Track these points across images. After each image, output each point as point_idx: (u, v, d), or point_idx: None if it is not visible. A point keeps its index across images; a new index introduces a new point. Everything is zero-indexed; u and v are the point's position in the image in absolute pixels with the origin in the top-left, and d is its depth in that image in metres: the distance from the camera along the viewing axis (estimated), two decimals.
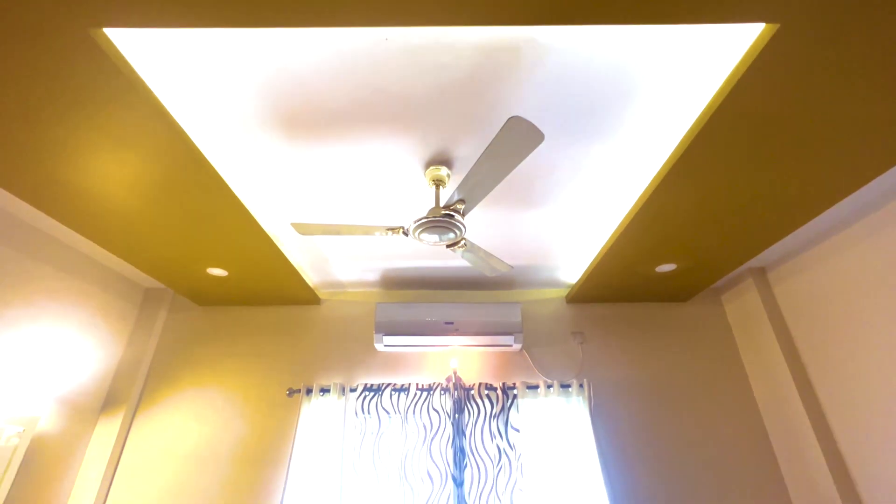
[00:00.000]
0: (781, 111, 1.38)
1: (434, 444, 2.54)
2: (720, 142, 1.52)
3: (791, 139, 1.50)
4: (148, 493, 2.52)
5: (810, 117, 1.40)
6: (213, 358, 2.91)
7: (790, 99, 1.33)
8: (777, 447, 2.60)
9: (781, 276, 2.66)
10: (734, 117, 1.40)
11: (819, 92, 1.31)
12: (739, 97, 1.32)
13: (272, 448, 2.63)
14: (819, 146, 1.53)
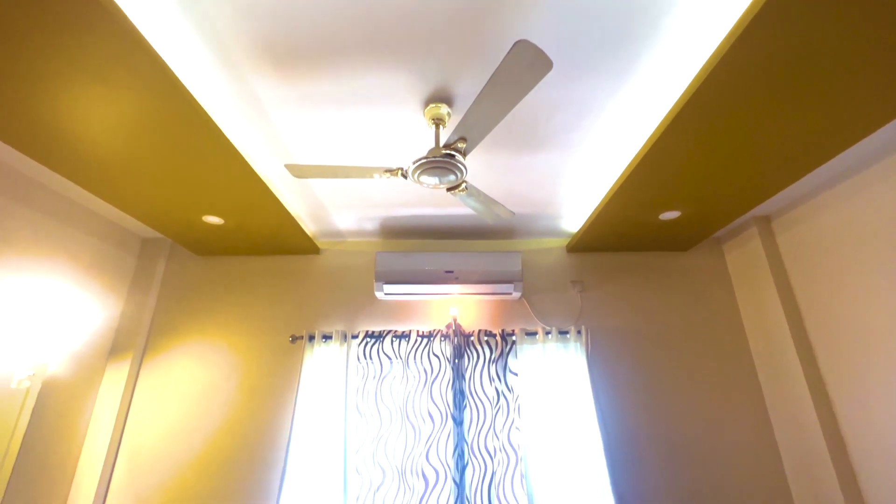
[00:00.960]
0: (795, 53, 1.30)
1: (434, 387, 2.62)
2: (731, 84, 1.44)
3: (804, 82, 1.43)
4: (161, 434, 2.62)
5: (824, 60, 1.33)
6: (215, 307, 2.93)
7: (803, 41, 1.26)
8: (767, 393, 2.69)
9: (786, 225, 2.63)
10: (745, 59, 1.33)
11: (833, 35, 1.23)
12: (751, 38, 1.24)
13: (277, 391, 2.71)
14: (831, 91, 1.47)
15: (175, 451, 2.59)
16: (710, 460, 2.57)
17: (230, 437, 2.61)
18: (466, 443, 2.48)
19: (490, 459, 2.45)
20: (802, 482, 2.44)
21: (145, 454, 2.59)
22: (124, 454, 2.59)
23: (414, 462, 2.45)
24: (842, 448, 2.26)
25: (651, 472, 2.54)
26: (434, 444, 2.49)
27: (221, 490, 2.50)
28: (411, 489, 2.40)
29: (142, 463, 2.57)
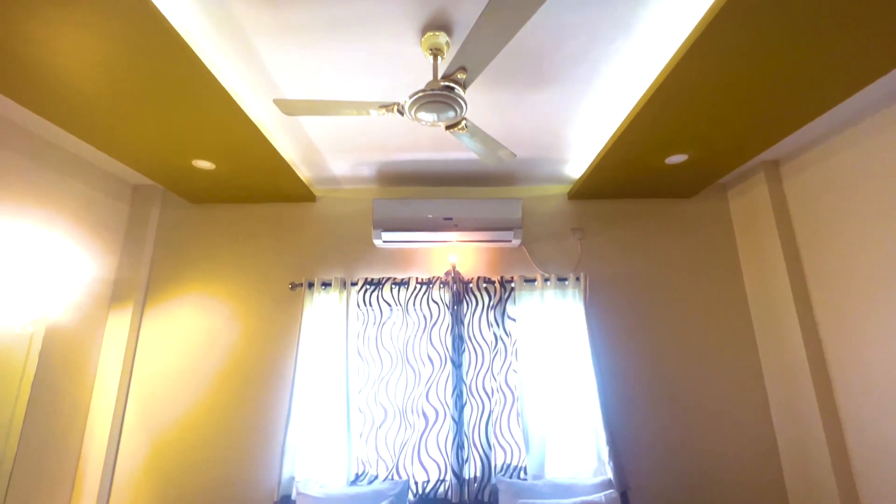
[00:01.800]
0: None
1: (434, 332, 2.67)
2: (744, 19, 1.34)
3: (818, 19, 1.33)
4: (168, 378, 2.70)
5: None
6: (213, 255, 2.91)
7: None
8: (761, 342, 2.73)
9: (794, 170, 2.55)
10: None
11: None
12: None
13: (279, 337, 2.76)
14: (846, 29, 1.38)
15: (183, 393, 2.68)
16: (699, 404, 2.67)
17: (235, 380, 2.69)
18: (465, 384, 2.56)
19: (487, 399, 2.54)
20: (788, 431, 2.55)
21: (155, 396, 2.68)
22: (134, 397, 2.67)
23: (414, 402, 2.54)
24: (829, 399, 2.32)
25: (642, 414, 2.65)
26: (434, 385, 2.57)
27: (231, 429, 2.61)
28: (412, 426, 2.51)
29: (152, 405, 2.66)
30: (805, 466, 2.40)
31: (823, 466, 2.28)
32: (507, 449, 2.51)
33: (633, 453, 2.56)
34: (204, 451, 2.58)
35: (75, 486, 2.45)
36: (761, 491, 2.54)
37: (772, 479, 2.55)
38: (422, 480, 2.45)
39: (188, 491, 2.52)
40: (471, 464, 2.44)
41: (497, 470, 2.46)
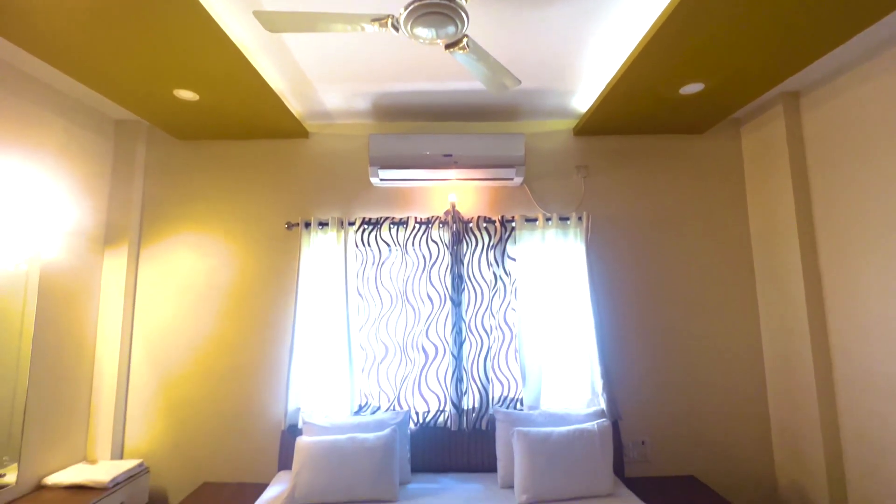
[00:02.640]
0: None
1: (433, 272, 2.66)
2: None
3: None
4: (170, 319, 2.73)
5: None
6: (205, 195, 2.83)
7: None
8: (760, 288, 2.73)
9: (815, 102, 2.40)
10: None
11: None
12: None
13: (278, 277, 2.75)
14: None
15: (187, 331, 2.72)
16: (693, 342, 2.72)
17: (238, 318, 2.72)
18: (464, 321, 2.60)
19: (486, 336, 2.59)
20: (778, 369, 2.62)
21: (159, 335, 2.72)
22: (139, 336, 2.72)
23: (414, 339, 2.59)
24: (823, 339, 2.34)
25: (636, 350, 2.71)
26: (433, 323, 2.60)
27: (236, 365, 2.68)
28: (412, 362, 2.58)
29: (157, 343, 2.71)
30: (791, 402, 2.50)
31: (809, 403, 2.36)
32: (504, 382, 2.59)
33: (626, 387, 2.66)
34: (212, 385, 2.67)
35: (90, 420, 2.56)
36: (746, 424, 2.66)
37: (758, 413, 2.67)
38: (422, 411, 2.55)
39: (201, 422, 2.64)
40: (469, 396, 2.54)
41: (494, 402, 2.56)
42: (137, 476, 2.38)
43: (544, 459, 2.11)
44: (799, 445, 2.44)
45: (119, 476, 2.26)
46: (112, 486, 2.20)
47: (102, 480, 2.20)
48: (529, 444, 2.16)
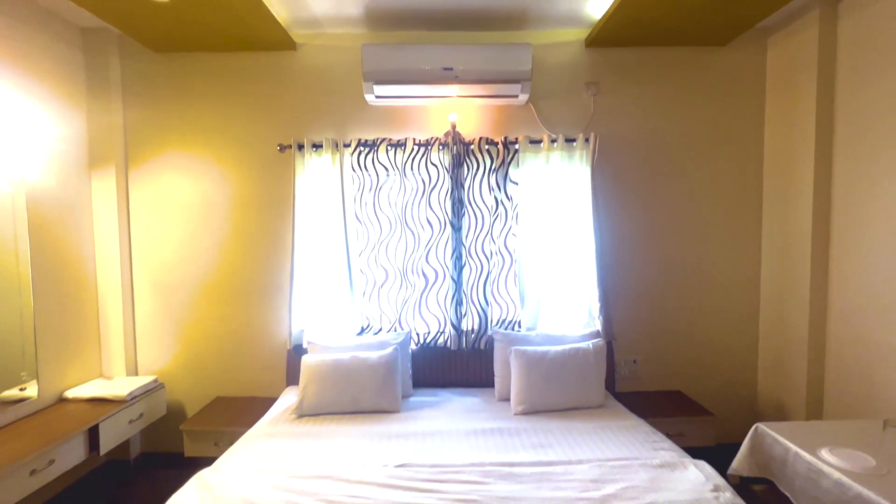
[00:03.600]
0: None
1: (433, 196, 2.58)
2: None
3: None
4: (168, 244, 2.70)
5: None
6: (191, 114, 2.66)
7: None
8: (767, 218, 2.68)
9: (856, 5, 2.16)
10: None
11: None
12: None
13: (274, 201, 2.68)
14: None
15: (186, 256, 2.71)
16: (691, 267, 2.73)
17: (235, 243, 2.70)
18: (464, 246, 2.58)
19: (486, 261, 2.59)
20: (773, 299, 2.65)
21: (159, 260, 2.71)
22: (139, 261, 2.72)
23: (414, 263, 2.59)
24: (823, 276, 2.33)
25: (635, 275, 2.73)
26: (433, 248, 2.59)
27: (238, 288, 2.71)
28: (413, 286, 2.60)
29: (157, 268, 2.72)
30: (782, 325, 2.57)
31: (799, 327, 2.43)
32: (503, 306, 2.64)
33: (622, 309, 2.71)
34: (217, 307, 2.72)
35: (101, 340, 2.64)
36: (735, 347, 2.76)
37: (747, 338, 2.76)
38: (423, 332, 2.63)
39: (210, 343, 2.73)
40: (469, 318, 2.60)
41: (493, 324, 2.63)
42: (153, 391, 2.51)
43: (540, 375, 2.21)
44: (783, 366, 2.56)
45: (136, 390, 2.37)
46: (130, 398, 2.33)
47: (120, 394, 2.31)
48: (526, 361, 2.24)
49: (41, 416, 2.16)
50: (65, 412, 2.19)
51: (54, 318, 2.33)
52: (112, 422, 2.19)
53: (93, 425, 2.10)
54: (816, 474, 1.56)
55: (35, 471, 1.82)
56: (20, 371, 2.15)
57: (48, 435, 1.94)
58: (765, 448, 1.81)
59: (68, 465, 1.99)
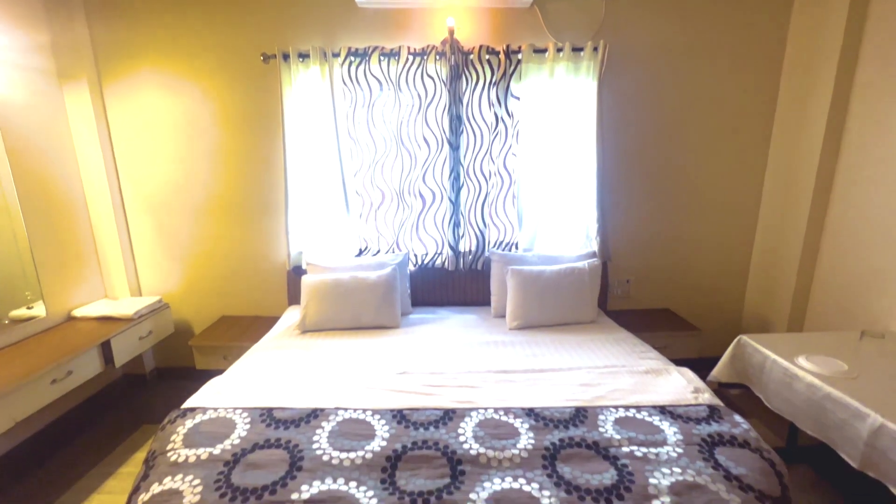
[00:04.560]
0: None
1: (430, 113, 2.45)
2: None
3: None
4: (155, 165, 2.60)
5: None
6: (163, 24, 2.42)
7: None
8: (776, 140, 2.56)
9: None
10: None
11: None
12: None
13: (262, 118, 2.54)
14: None
15: (175, 176, 2.63)
16: (693, 191, 2.69)
17: (225, 162, 2.61)
18: (462, 166, 2.50)
19: (485, 182, 2.53)
20: (770, 224, 2.64)
21: (147, 181, 2.64)
22: (127, 183, 2.64)
23: (411, 184, 2.53)
24: (825, 195, 2.31)
25: (635, 195, 2.69)
26: (430, 168, 2.51)
27: (232, 209, 2.67)
28: (410, 207, 2.57)
29: (147, 189, 2.65)
30: (775, 245, 2.59)
31: (793, 246, 2.45)
32: (500, 228, 2.63)
33: (619, 230, 2.71)
34: (212, 229, 2.70)
35: (100, 262, 2.65)
36: (727, 268, 2.81)
37: (739, 260, 2.80)
38: (420, 253, 2.65)
39: (211, 265, 2.75)
40: (466, 239, 2.60)
41: (491, 245, 2.64)
42: (159, 310, 2.57)
43: (535, 293, 2.27)
44: (771, 287, 2.63)
45: (141, 309, 2.43)
46: (137, 317, 2.39)
47: (127, 313, 2.38)
48: (522, 279, 2.29)
49: (53, 332, 2.23)
50: (75, 329, 2.27)
51: (48, 239, 2.31)
52: (122, 338, 2.28)
53: (104, 341, 2.18)
54: (791, 378, 1.67)
55: (55, 380, 1.92)
56: (24, 291, 2.18)
57: (63, 349, 2.02)
58: (745, 357, 1.92)
59: (86, 376, 2.10)
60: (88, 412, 2.50)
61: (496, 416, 1.44)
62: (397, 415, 1.46)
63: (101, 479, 1.98)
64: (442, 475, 1.19)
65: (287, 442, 1.32)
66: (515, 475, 1.19)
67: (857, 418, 1.41)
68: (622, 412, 1.46)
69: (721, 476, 1.15)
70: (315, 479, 1.17)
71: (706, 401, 1.52)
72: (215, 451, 1.28)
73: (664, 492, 1.11)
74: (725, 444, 1.29)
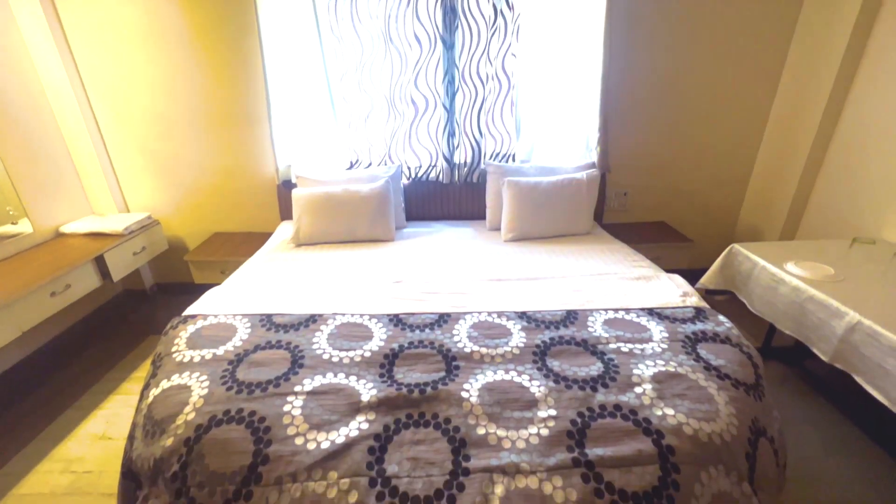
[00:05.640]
0: None
1: (420, 5, 2.19)
2: None
3: None
4: (119, 72, 2.38)
5: None
6: None
7: None
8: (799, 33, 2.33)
9: None
10: None
11: None
12: None
13: (235, 14, 2.27)
14: None
15: (145, 87, 2.42)
16: (699, 108, 2.54)
17: (200, 72, 2.39)
18: (457, 68, 2.31)
19: (482, 86, 2.35)
20: (776, 136, 2.52)
21: (116, 95, 2.44)
22: (95, 97, 2.45)
23: (402, 89, 2.35)
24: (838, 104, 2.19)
25: (640, 108, 2.53)
26: (422, 70, 2.32)
27: (215, 120, 2.51)
28: (401, 115, 2.42)
29: (117, 101, 2.46)
30: (779, 159, 2.51)
31: (797, 160, 2.38)
32: (497, 138, 2.51)
33: (620, 140, 2.60)
34: (194, 143, 2.56)
35: (83, 184, 2.54)
36: (726, 181, 2.74)
37: (740, 175, 2.72)
38: (414, 166, 2.55)
39: (198, 180, 2.66)
40: (461, 150, 2.49)
41: (487, 157, 2.54)
42: (149, 226, 2.53)
43: (531, 204, 2.23)
44: (769, 195, 2.60)
45: (131, 225, 2.39)
46: (128, 233, 2.36)
47: (117, 229, 2.34)
48: (519, 191, 2.24)
49: (44, 248, 2.21)
50: (66, 245, 2.24)
51: (20, 155, 2.18)
52: (116, 252, 2.27)
53: (98, 255, 2.17)
54: (777, 282, 1.71)
55: (55, 293, 1.94)
56: (5, 207, 2.12)
57: (57, 263, 2.02)
58: (735, 265, 1.95)
59: (85, 289, 2.12)
60: (95, 325, 2.58)
61: (490, 318, 1.49)
62: (394, 319, 1.50)
63: (116, 383, 2.10)
64: (437, 370, 1.26)
65: (288, 343, 1.37)
66: (507, 369, 1.25)
67: (835, 317, 1.47)
68: (611, 314, 1.51)
69: (701, 367, 1.22)
70: (317, 374, 1.23)
71: (693, 303, 1.57)
72: (219, 351, 1.33)
73: (646, 380, 1.18)
74: (708, 341, 1.35)
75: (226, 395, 1.14)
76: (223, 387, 1.18)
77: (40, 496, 1.54)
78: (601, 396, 1.13)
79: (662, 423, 1.04)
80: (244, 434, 1.04)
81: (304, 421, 1.08)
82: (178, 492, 0.98)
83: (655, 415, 1.06)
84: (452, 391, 1.16)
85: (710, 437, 1.01)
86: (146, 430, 1.13)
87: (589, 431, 1.04)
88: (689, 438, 1.00)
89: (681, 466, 0.96)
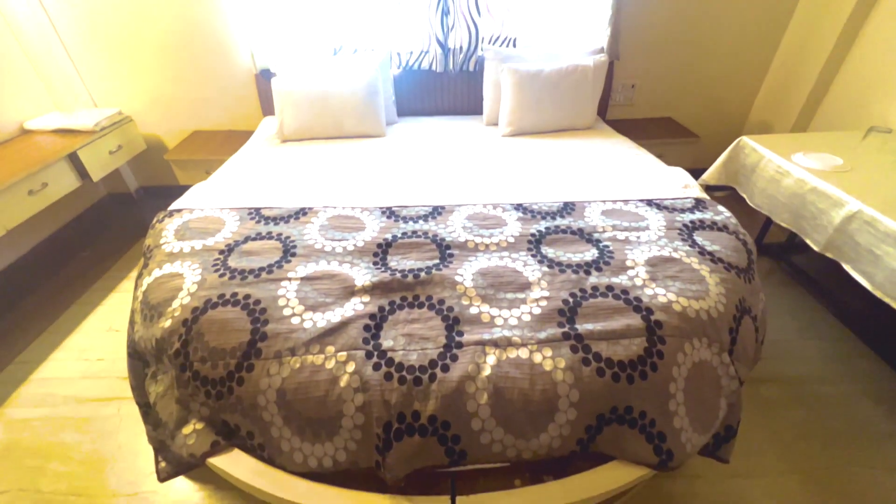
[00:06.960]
0: None
1: None
2: None
3: None
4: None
5: None
6: None
7: None
8: None
9: None
10: None
11: None
12: None
13: None
14: None
15: None
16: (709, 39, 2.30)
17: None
18: None
19: None
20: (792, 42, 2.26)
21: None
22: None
23: None
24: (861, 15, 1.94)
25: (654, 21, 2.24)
26: None
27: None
28: None
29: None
30: (797, 57, 2.28)
31: (817, 56, 2.20)
32: (497, 18, 2.24)
33: (631, 27, 2.34)
34: (160, 25, 2.28)
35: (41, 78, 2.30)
36: (740, 80, 2.57)
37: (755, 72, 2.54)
38: (405, 53, 2.32)
39: (165, 74, 2.42)
40: (457, 33, 2.24)
41: (485, 42, 2.29)
42: (121, 122, 2.36)
43: (532, 95, 2.07)
44: (785, 90, 2.42)
45: (101, 121, 2.22)
46: (99, 129, 2.20)
47: (86, 125, 2.17)
48: (519, 80, 2.06)
49: (11, 146, 2.07)
50: (34, 142, 2.10)
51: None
52: (89, 150, 2.13)
53: (71, 153, 2.05)
54: (781, 174, 1.66)
55: (32, 191, 1.86)
56: None
57: (27, 160, 1.90)
58: (741, 158, 1.87)
59: (64, 189, 2.04)
60: (85, 229, 2.55)
61: (485, 210, 1.45)
62: (386, 211, 1.46)
63: (115, 281, 2.12)
64: (431, 258, 1.25)
65: (279, 234, 1.34)
66: (501, 255, 1.25)
67: (835, 206, 1.44)
68: (609, 205, 1.47)
69: (696, 252, 1.22)
70: (310, 262, 1.22)
71: (694, 194, 1.53)
72: (209, 242, 1.30)
73: (640, 263, 1.18)
74: (705, 229, 1.33)
75: (219, 281, 1.14)
76: (216, 273, 1.17)
77: (59, 380, 1.63)
78: (594, 279, 1.14)
79: (653, 301, 1.06)
80: (241, 315, 1.05)
81: (300, 303, 1.09)
82: (182, 366, 1.02)
83: (646, 294, 1.08)
84: (446, 275, 1.16)
85: (697, 314, 1.04)
86: (144, 314, 1.15)
87: (580, 310, 1.06)
88: (677, 315, 1.03)
89: (667, 339, 0.99)
